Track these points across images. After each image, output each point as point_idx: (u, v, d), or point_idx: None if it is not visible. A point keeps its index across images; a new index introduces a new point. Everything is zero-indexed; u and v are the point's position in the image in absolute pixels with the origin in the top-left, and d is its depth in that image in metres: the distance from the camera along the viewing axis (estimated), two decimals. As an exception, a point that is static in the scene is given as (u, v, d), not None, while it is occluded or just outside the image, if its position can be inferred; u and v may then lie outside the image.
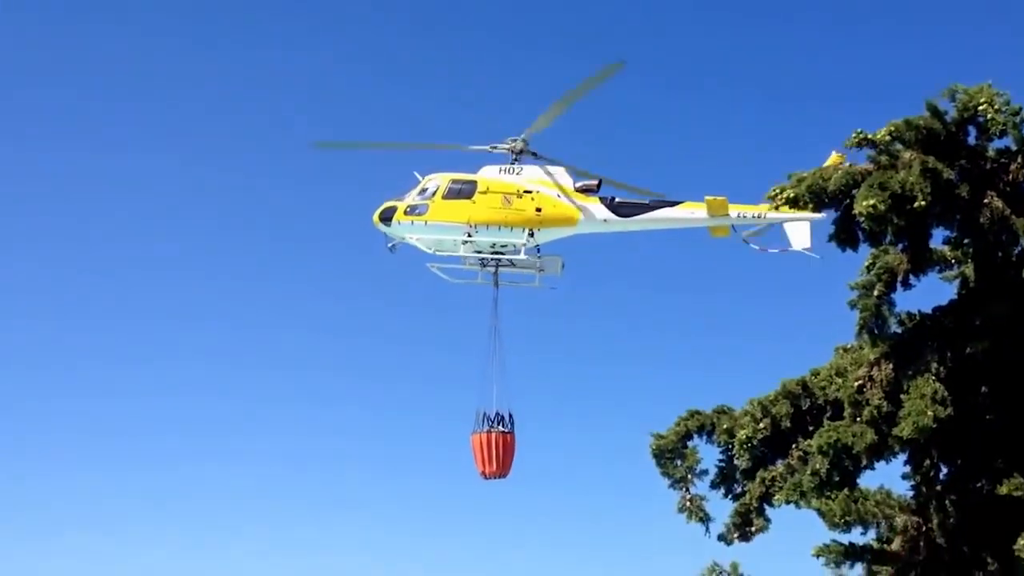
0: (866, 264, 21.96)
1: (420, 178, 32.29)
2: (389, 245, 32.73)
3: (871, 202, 19.25)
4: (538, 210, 31.33)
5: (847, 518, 21.48)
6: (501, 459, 30.77)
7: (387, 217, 32.21)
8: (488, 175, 31.89)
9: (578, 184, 31.82)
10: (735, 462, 23.30)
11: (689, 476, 23.76)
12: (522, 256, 31.60)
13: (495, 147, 31.91)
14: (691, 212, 30.66)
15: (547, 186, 31.52)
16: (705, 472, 23.84)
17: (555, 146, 32.61)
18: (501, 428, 31.05)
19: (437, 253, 32.30)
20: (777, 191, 20.99)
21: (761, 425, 22.56)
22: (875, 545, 22.65)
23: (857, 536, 22.94)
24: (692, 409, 24.02)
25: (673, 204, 31.07)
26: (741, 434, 22.61)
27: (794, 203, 20.64)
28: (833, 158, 29.83)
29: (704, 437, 23.87)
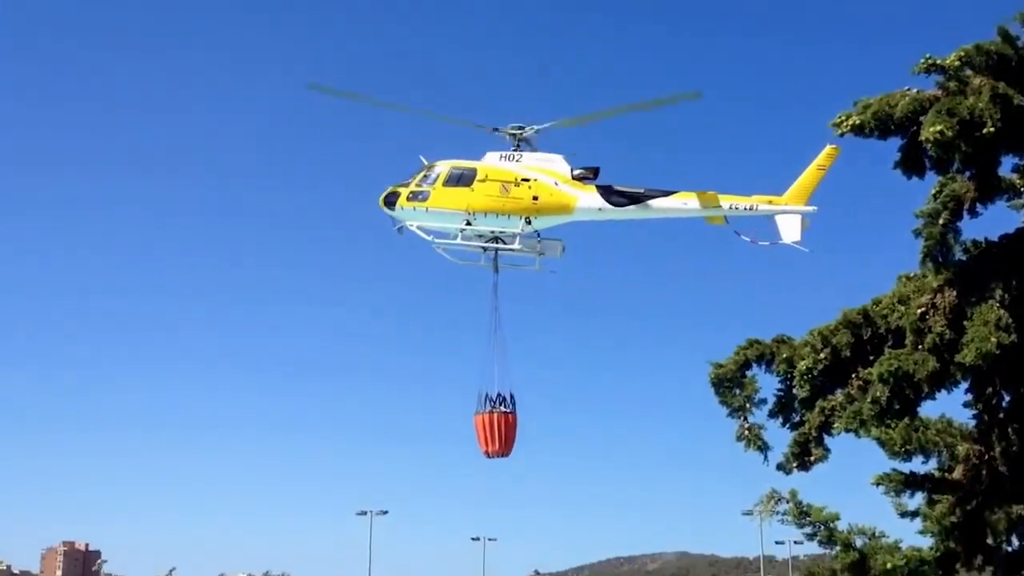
0: (932, 192, 21.73)
1: (425, 162, 33.14)
2: (396, 227, 33.92)
3: (939, 128, 19.06)
4: (535, 199, 31.93)
5: (907, 447, 21.46)
6: (503, 438, 31.90)
7: (391, 202, 33.29)
8: (489, 162, 32.67)
9: (576, 172, 32.61)
10: (794, 392, 23.28)
11: (747, 405, 23.80)
12: (517, 245, 32.72)
13: (496, 130, 32.68)
14: (684, 202, 32.11)
15: (545, 174, 32.22)
16: (764, 401, 23.85)
17: (555, 137, 33.71)
18: (503, 408, 32.06)
19: (436, 241, 33.28)
20: (842, 118, 20.78)
21: (821, 355, 22.48)
22: (936, 474, 22.63)
23: (918, 465, 22.91)
24: (751, 339, 23.99)
25: (667, 194, 32.37)
26: (801, 364, 22.58)
27: (859, 129, 20.45)
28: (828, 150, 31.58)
29: (763, 367, 23.88)
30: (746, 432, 23.60)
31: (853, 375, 22.56)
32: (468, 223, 32.61)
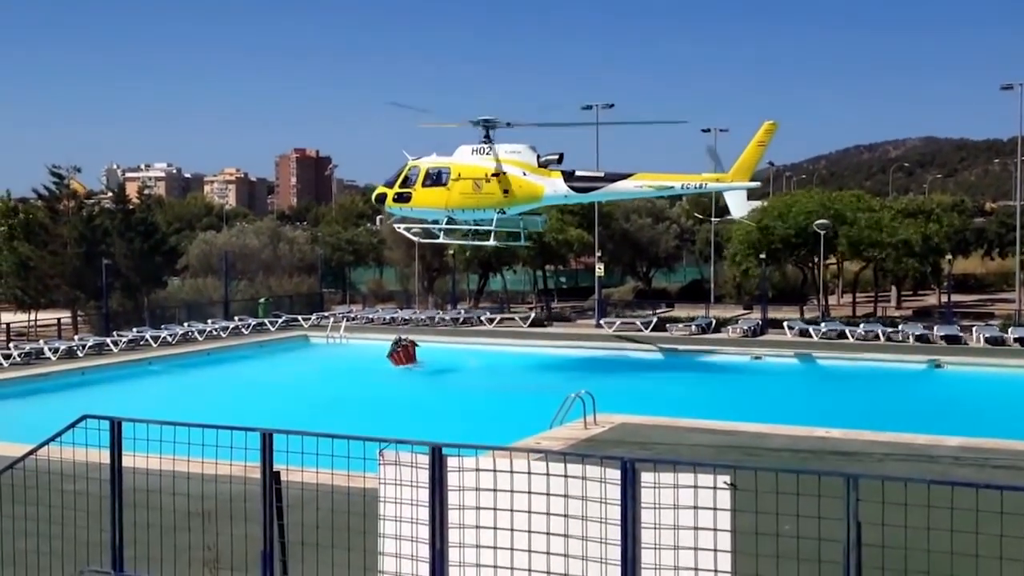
0: None
1: (408, 157, 36.75)
2: (389, 221, 39.13)
3: None
4: (505, 192, 34.93)
5: None
6: (407, 358, 39.03)
7: (380, 201, 38.00)
8: (461, 159, 35.68)
9: (542, 159, 35.43)
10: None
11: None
12: (492, 242, 36.81)
13: (469, 122, 35.22)
14: (639, 184, 34.56)
15: (513, 165, 34.95)
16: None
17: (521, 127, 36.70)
18: (403, 344, 39.47)
19: (422, 242, 39.26)
20: None
21: None
22: None
23: None
24: None
25: (625, 177, 34.85)
26: None
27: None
28: (766, 126, 34.01)
29: None
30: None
31: None
32: (450, 220, 36.37)
